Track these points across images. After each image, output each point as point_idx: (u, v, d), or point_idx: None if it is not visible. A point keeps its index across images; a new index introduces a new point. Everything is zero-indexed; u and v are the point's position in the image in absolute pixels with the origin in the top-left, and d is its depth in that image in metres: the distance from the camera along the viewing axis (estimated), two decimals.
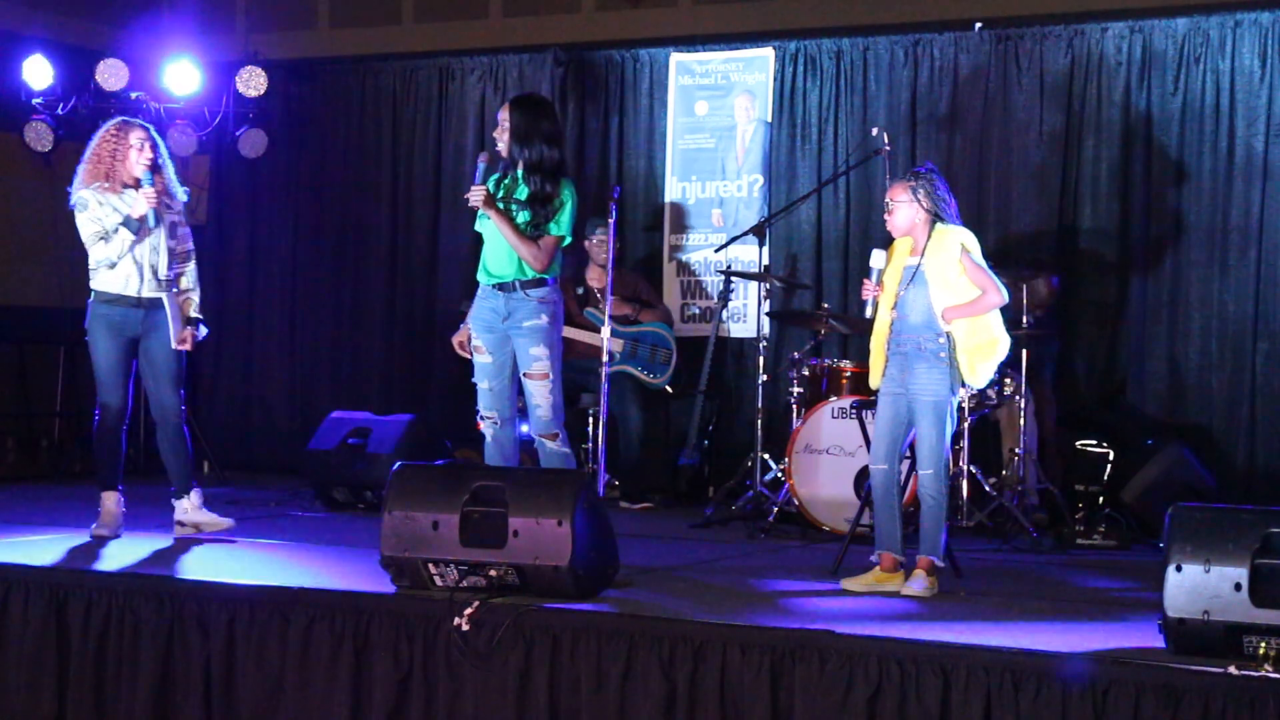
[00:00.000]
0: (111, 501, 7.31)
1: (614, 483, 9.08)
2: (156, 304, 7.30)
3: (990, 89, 9.41)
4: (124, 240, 7.18)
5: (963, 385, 6.20)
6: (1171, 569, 4.87)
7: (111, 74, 10.49)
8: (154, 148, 7.30)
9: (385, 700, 5.51)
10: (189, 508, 7.33)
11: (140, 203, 7.17)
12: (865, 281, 6.35)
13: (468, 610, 5.40)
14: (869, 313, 6.34)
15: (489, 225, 6.73)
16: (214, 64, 10.89)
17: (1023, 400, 8.03)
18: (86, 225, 7.24)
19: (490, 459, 6.81)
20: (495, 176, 6.80)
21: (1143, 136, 9.09)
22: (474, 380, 6.91)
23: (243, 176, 11.31)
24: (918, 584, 6.04)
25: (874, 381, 6.32)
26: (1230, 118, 8.91)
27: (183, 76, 10.57)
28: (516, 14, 11.18)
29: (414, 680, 5.49)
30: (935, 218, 6.14)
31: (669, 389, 9.39)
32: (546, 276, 6.72)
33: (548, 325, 6.67)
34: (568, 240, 6.77)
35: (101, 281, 7.29)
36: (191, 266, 7.48)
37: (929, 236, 6.14)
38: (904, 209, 6.18)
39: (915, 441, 6.17)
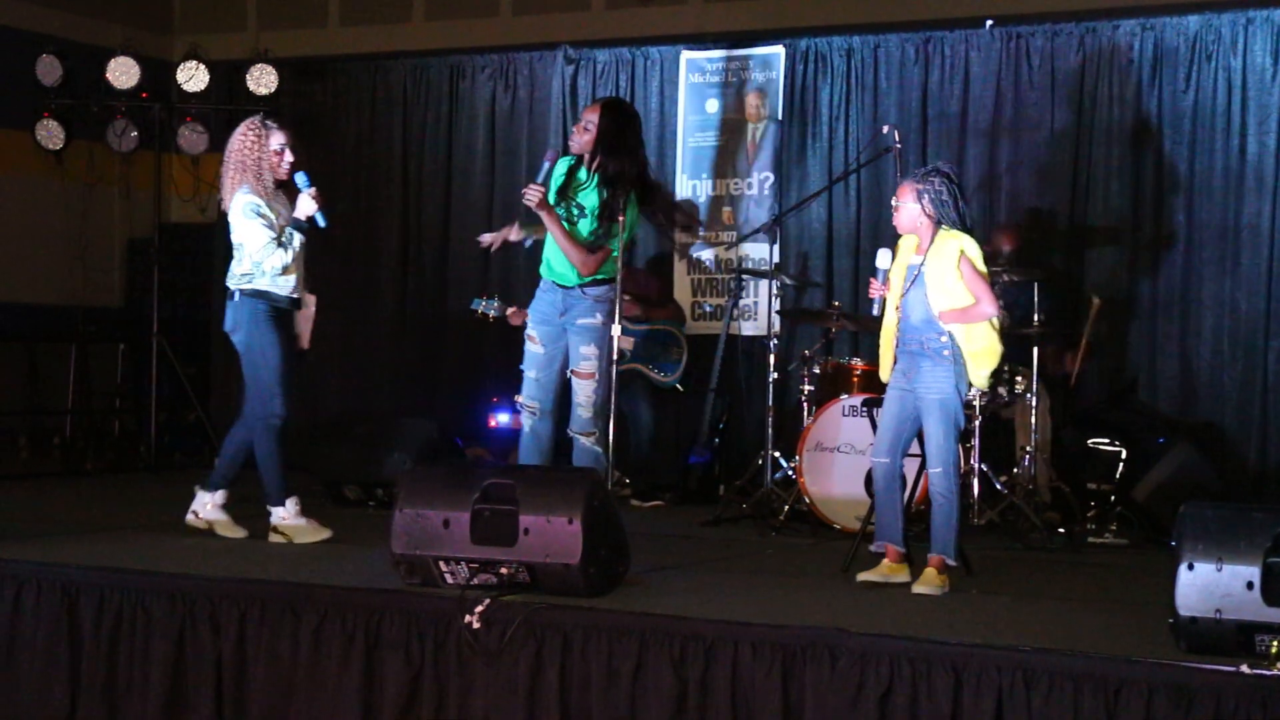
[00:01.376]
0: (295, 504, 7.22)
1: (625, 481, 9.07)
2: (298, 305, 7.29)
3: (1001, 87, 9.40)
4: (298, 243, 7.13)
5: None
6: (1183, 567, 4.85)
7: (122, 72, 10.51)
8: (293, 148, 7.25)
9: (396, 697, 5.51)
10: (209, 505, 7.30)
11: (308, 204, 7.12)
12: (872, 281, 6.37)
13: (478, 608, 5.40)
14: (876, 311, 6.36)
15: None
16: (224, 62, 10.90)
17: (1034, 398, 8.02)
18: (260, 232, 7.07)
19: (525, 451, 6.89)
20: (560, 174, 6.83)
21: (1154, 134, 9.08)
22: (521, 368, 7.02)
23: None
24: (928, 583, 6.04)
25: (884, 375, 6.35)
26: (1242, 115, 8.90)
27: (192, 75, 10.58)
28: (526, 12, 11.18)
29: (425, 678, 5.49)
30: (938, 223, 6.14)
31: (679, 387, 9.38)
32: (604, 277, 6.81)
33: (601, 325, 6.80)
34: (615, 254, 6.84)
35: (274, 285, 7.14)
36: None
37: (932, 239, 6.15)
38: (907, 210, 6.20)
39: (924, 440, 6.17)
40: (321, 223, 7.17)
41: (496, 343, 10.18)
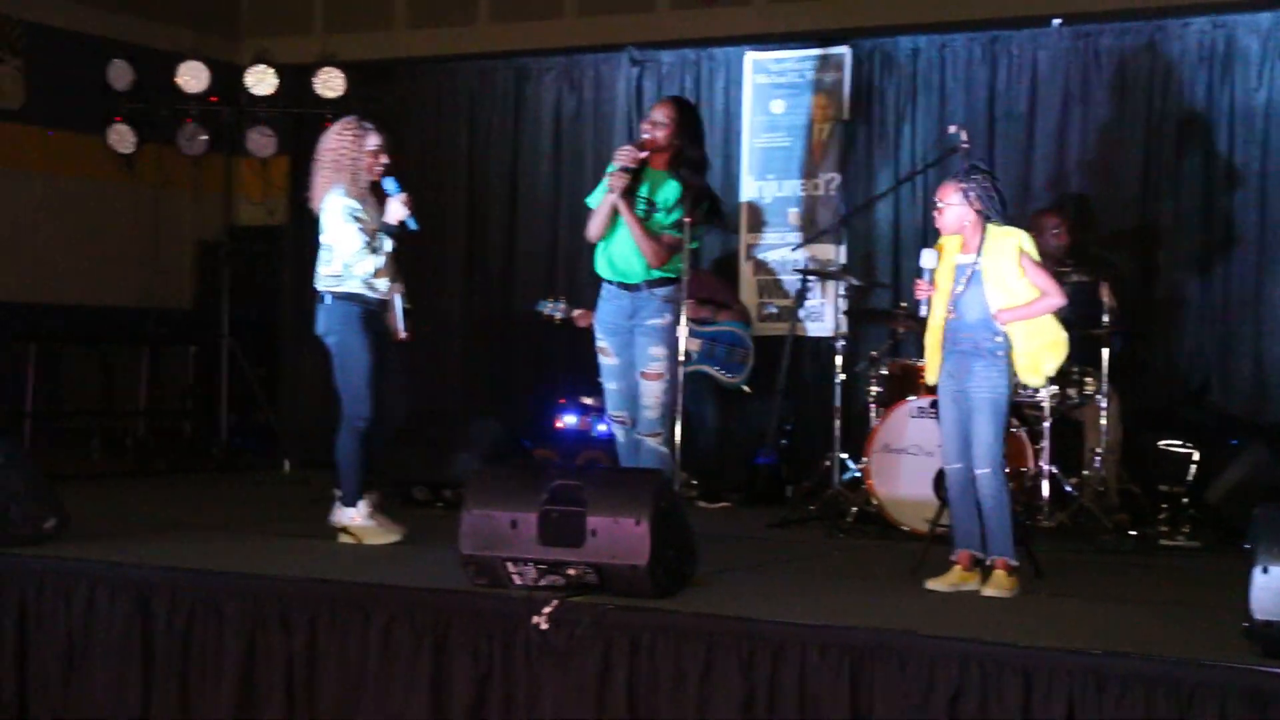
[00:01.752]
0: (367, 506, 7.23)
1: (691, 482, 9.07)
2: (386, 304, 7.33)
3: (1069, 86, 9.33)
4: (389, 248, 7.17)
5: (1020, 386, 6.16)
6: (1258, 571, 4.80)
7: (192, 76, 10.61)
8: (385, 150, 7.31)
9: (464, 698, 5.53)
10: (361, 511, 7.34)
11: (400, 209, 7.16)
12: (918, 282, 6.30)
13: (546, 609, 5.41)
14: (924, 312, 6.32)
15: (618, 219, 6.78)
16: (292, 66, 10.99)
17: (1104, 399, 7.95)
18: (355, 235, 7.11)
19: (624, 460, 6.91)
20: (630, 172, 6.83)
21: (1225, 133, 8.99)
22: (600, 380, 7.03)
23: None
24: (997, 586, 6.00)
25: (930, 378, 6.30)
26: None
27: (261, 78, 10.67)
28: (591, 13, 11.20)
29: (493, 678, 5.50)
30: (986, 218, 6.10)
31: (746, 388, 9.37)
32: (671, 275, 6.79)
33: (671, 324, 6.79)
34: (689, 247, 6.84)
35: (365, 288, 7.18)
36: None
37: (983, 236, 6.10)
38: (954, 210, 6.12)
39: (972, 441, 6.11)
40: (413, 227, 7.22)
41: (563, 344, 10.21)
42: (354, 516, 7.21)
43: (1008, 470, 6.34)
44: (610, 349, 6.92)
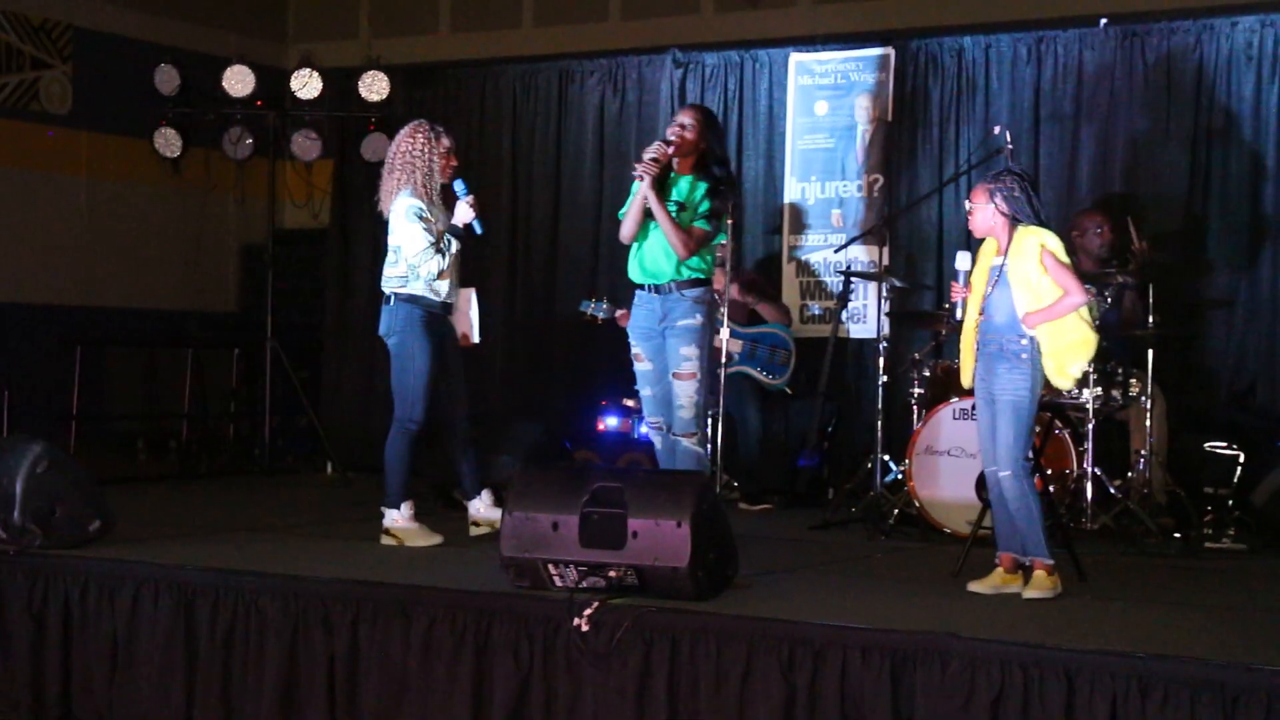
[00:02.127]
0: (409, 509, 7.29)
1: (733, 484, 9.06)
2: (450, 308, 7.39)
3: (1116, 86, 9.26)
4: (455, 250, 7.24)
5: (1049, 387, 6.14)
6: None
7: (237, 80, 10.67)
8: (455, 154, 7.36)
9: (506, 699, 5.54)
10: (481, 507, 7.40)
11: (466, 211, 7.23)
12: (953, 284, 6.34)
13: (587, 611, 5.42)
14: (960, 315, 6.32)
15: (649, 223, 6.82)
16: (337, 70, 11.03)
17: (1149, 401, 7.90)
18: (420, 236, 7.17)
19: (663, 464, 6.92)
20: (658, 164, 6.87)
21: (1274, 133, 8.91)
22: (637, 388, 7.06)
23: (365, 180, 11.41)
24: (1038, 587, 5.97)
25: (965, 381, 6.30)
26: None
27: (306, 82, 10.71)
28: (635, 16, 11.21)
29: (534, 680, 5.51)
30: (1014, 220, 6.08)
31: (788, 390, 9.35)
32: (701, 276, 6.82)
33: (701, 325, 6.81)
34: (718, 239, 6.95)
35: (429, 290, 7.25)
36: None
37: (1010, 238, 6.09)
38: (980, 212, 6.14)
39: (995, 442, 6.08)
40: (479, 230, 7.27)
41: (605, 345, 10.19)
42: (396, 518, 7.23)
43: (1049, 471, 6.31)
44: (644, 354, 6.95)
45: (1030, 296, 6.01)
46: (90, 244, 11.36)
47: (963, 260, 6.33)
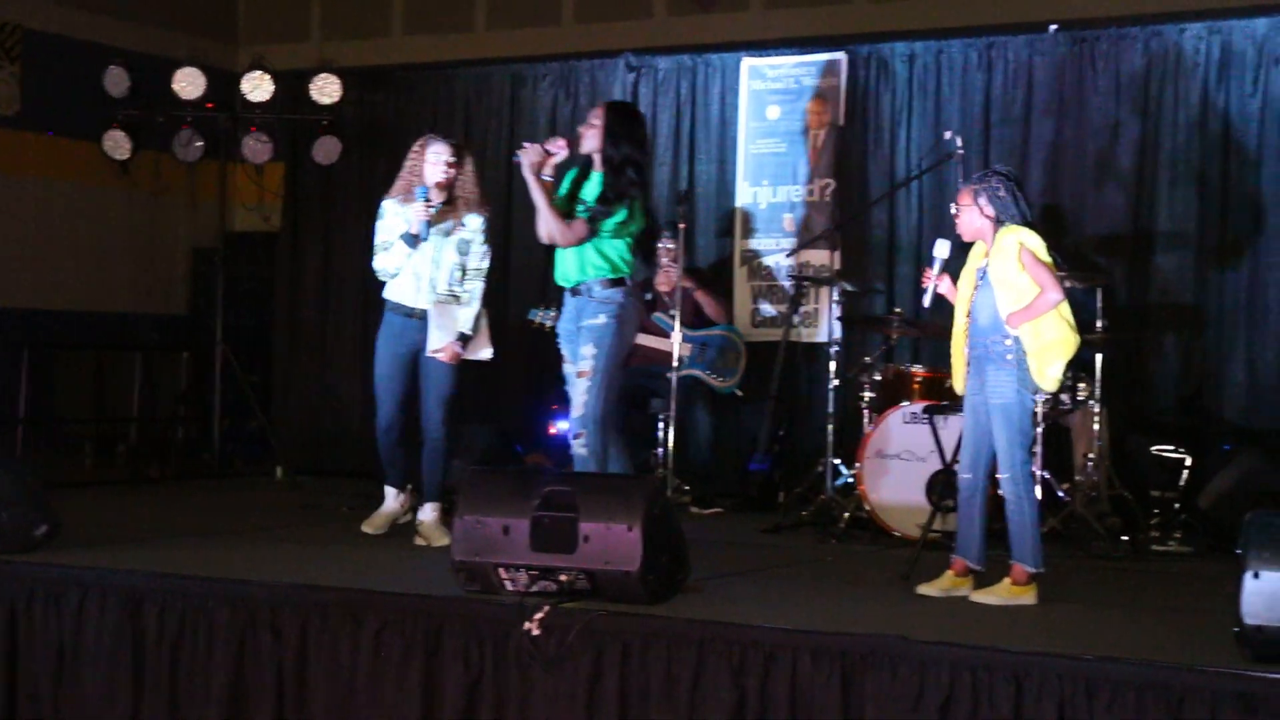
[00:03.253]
0: (390, 498, 7.57)
1: (684, 487, 9.06)
2: (416, 315, 7.41)
3: (1065, 92, 9.32)
4: (400, 252, 7.28)
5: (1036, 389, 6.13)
6: (1249, 576, 4.81)
7: (188, 82, 10.61)
8: (451, 164, 7.39)
9: (456, 704, 5.53)
10: (425, 520, 7.43)
11: (413, 214, 7.27)
12: (926, 270, 6.31)
13: (538, 615, 5.41)
14: (926, 301, 6.31)
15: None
16: (289, 72, 10.98)
17: (1097, 405, 7.95)
18: (376, 235, 7.40)
19: (583, 465, 6.86)
20: (570, 174, 6.84)
21: (1220, 138, 8.99)
22: (567, 389, 7.02)
23: (317, 183, 11.38)
24: (997, 593, 5.98)
25: (957, 387, 6.30)
26: None
27: (257, 85, 10.66)
28: (588, 19, 11.20)
29: (484, 684, 5.50)
30: (998, 222, 6.09)
31: (739, 393, 9.36)
32: (611, 276, 6.75)
33: (604, 324, 6.71)
34: (599, 238, 6.79)
35: (388, 290, 7.43)
36: (476, 284, 7.48)
37: (994, 240, 6.11)
38: (966, 213, 6.16)
39: (988, 450, 6.13)
40: (418, 233, 7.22)
41: (555, 351, 10.17)
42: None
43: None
44: (569, 357, 6.95)
45: (1012, 296, 6.00)
46: (38, 246, 11.27)
47: (941, 248, 6.29)
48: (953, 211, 6.25)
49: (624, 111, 7.07)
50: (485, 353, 7.61)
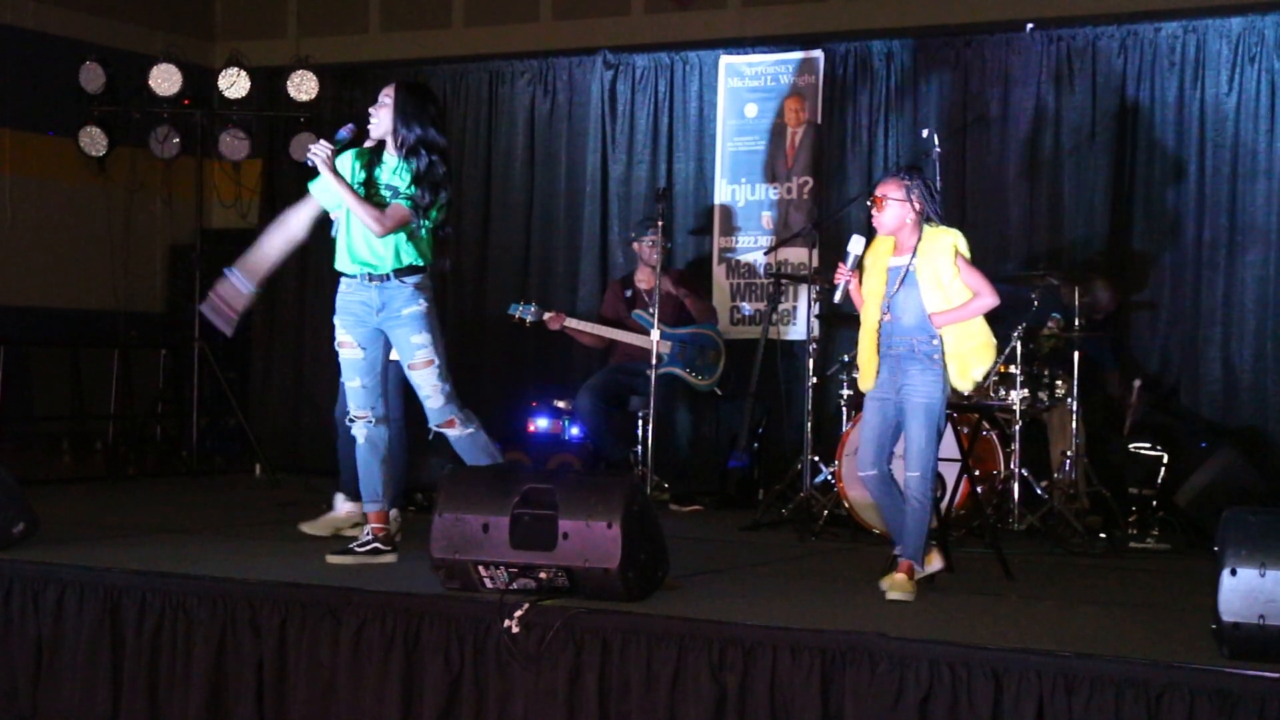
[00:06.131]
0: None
1: (663, 485, 9.07)
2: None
3: (1042, 90, 9.36)
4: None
5: (951, 389, 6.04)
6: (1226, 573, 4.82)
7: (164, 79, 10.58)
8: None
9: (436, 702, 5.52)
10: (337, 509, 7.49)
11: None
12: (840, 265, 6.13)
13: (518, 612, 5.41)
14: (837, 297, 6.18)
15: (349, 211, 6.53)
16: (265, 69, 10.96)
17: (1074, 402, 7.98)
18: None
19: (366, 463, 6.68)
20: (359, 165, 6.63)
21: (1196, 137, 9.03)
22: (342, 380, 6.78)
23: (294, 180, 11.33)
24: (900, 589, 5.88)
25: (864, 385, 6.15)
26: None
27: (234, 81, 10.64)
28: (566, 17, 11.21)
29: (464, 682, 5.50)
30: (925, 218, 6.04)
31: (718, 390, 9.37)
32: (419, 263, 6.58)
33: (425, 309, 6.54)
34: (419, 225, 6.57)
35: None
36: None
37: (919, 237, 6.00)
38: (895, 207, 5.99)
39: (905, 443, 6.03)
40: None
41: (534, 347, 10.22)
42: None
43: (978, 472, 6.31)
44: (355, 340, 6.60)
45: (940, 295, 5.93)
46: (14, 243, 11.23)
47: (855, 244, 6.11)
48: (875, 205, 6.02)
49: (415, 90, 6.79)
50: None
